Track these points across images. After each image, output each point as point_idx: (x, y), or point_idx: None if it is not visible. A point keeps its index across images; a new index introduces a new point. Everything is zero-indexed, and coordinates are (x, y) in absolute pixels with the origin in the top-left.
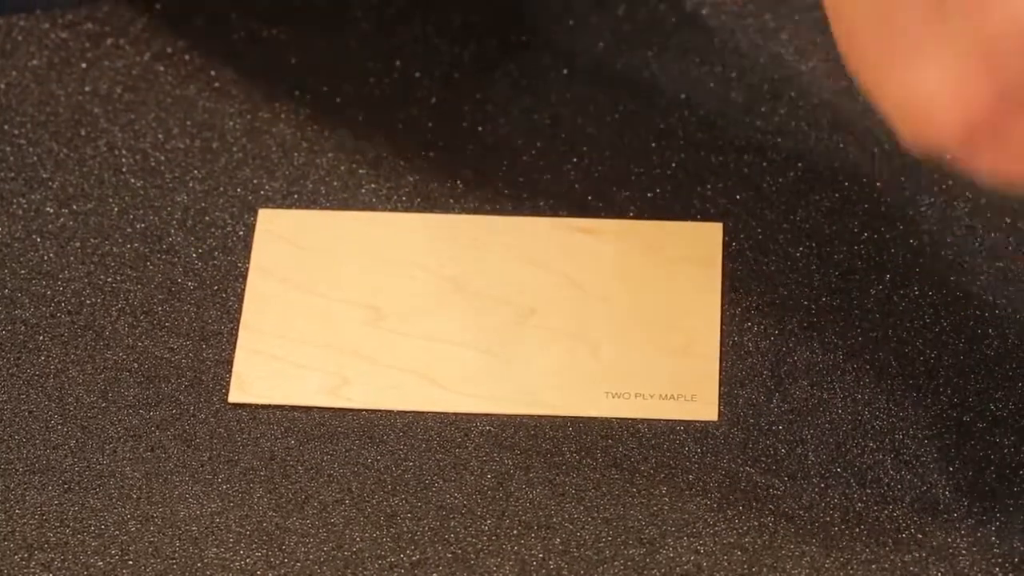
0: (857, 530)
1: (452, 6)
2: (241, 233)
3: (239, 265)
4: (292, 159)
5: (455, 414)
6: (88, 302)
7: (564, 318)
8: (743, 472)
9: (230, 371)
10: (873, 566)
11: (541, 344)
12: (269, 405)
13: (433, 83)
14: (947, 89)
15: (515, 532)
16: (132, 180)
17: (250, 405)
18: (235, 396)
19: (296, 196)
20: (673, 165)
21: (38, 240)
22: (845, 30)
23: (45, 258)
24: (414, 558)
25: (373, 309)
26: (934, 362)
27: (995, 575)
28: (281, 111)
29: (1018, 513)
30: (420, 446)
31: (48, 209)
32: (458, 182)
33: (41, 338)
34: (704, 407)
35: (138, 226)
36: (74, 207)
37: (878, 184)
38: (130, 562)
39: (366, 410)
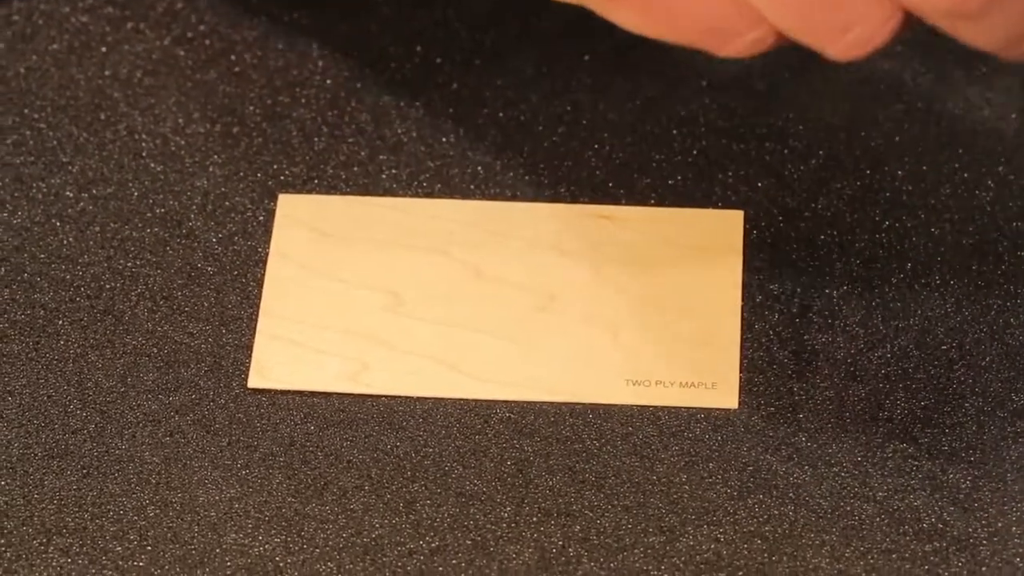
0: (877, 519)
1: None
2: (261, 218)
3: (259, 250)
4: (312, 144)
5: (475, 401)
6: (107, 287)
7: (584, 305)
8: (763, 460)
9: (249, 356)
10: (893, 555)
11: (561, 331)
12: (288, 391)
13: (454, 69)
14: None
15: (535, 519)
16: (152, 165)
17: (269, 391)
18: (254, 381)
19: (316, 181)
20: (694, 152)
21: (58, 224)
22: None
23: (64, 242)
24: (433, 545)
25: (393, 295)
26: (955, 351)
27: (1015, 564)
28: (301, 96)
29: None
30: (440, 432)
31: (68, 193)
32: (478, 168)
33: (60, 322)
34: (725, 395)
35: (158, 211)
36: (94, 191)
37: (900, 172)
38: (148, 547)
39: (385, 396)
